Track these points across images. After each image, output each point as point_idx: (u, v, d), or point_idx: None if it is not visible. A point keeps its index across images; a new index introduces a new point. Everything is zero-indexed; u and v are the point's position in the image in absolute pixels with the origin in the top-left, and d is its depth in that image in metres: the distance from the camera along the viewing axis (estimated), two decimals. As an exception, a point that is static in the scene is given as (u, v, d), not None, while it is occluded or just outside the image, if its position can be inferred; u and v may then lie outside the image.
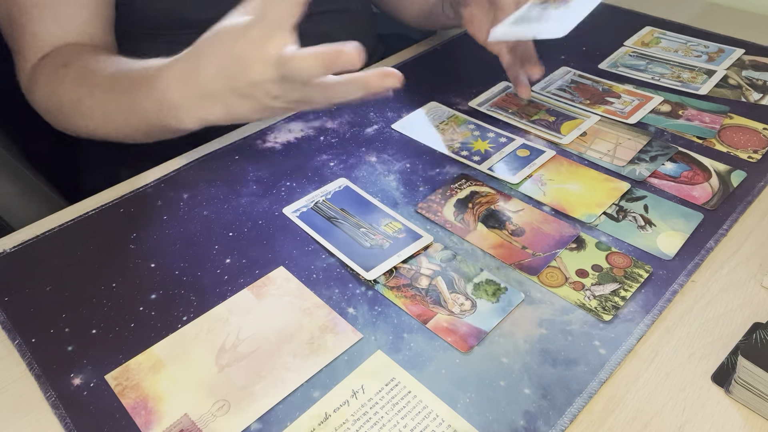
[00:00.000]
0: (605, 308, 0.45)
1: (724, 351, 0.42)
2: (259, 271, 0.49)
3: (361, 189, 0.57)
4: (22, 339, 0.45)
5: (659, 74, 0.73)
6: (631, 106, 0.67)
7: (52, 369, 0.43)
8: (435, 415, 0.39)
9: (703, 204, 0.54)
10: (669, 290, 0.46)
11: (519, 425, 0.38)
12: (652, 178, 0.57)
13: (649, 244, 0.50)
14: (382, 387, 0.41)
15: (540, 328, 0.44)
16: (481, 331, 0.44)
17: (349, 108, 0.70)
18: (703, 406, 0.39)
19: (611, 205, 0.55)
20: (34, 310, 0.47)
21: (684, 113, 0.66)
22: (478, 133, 0.65)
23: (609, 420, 0.39)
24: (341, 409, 0.40)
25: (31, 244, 0.53)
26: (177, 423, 0.39)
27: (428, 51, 0.81)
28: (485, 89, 0.72)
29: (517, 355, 0.42)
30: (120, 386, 0.41)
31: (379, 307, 0.46)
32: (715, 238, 0.51)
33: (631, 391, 0.40)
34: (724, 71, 0.73)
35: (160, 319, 0.46)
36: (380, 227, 0.53)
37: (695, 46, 0.79)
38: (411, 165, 0.61)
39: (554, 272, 0.48)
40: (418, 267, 0.49)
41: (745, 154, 0.60)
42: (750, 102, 0.68)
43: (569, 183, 0.57)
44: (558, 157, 0.61)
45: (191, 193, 0.58)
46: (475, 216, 0.54)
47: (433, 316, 0.45)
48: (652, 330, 0.44)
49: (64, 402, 0.41)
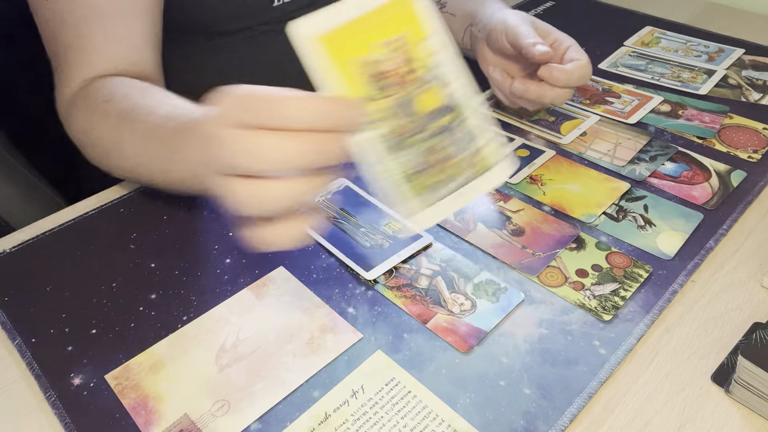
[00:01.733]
0: (605, 308, 0.45)
1: (724, 351, 0.42)
2: (259, 271, 0.49)
3: (361, 189, 0.57)
4: (22, 339, 0.45)
5: (659, 74, 0.73)
6: (631, 106, 0.67)
7: (52, 369, 0.43)
8: (435, 415, 0.39)
9: (703, 204, 0.54)
10: (669, 290, 0.46)
11: (519, 425, 0.38)
12: (652, 177, 0.57)
13: (649, 244, 0.50)
14: (382, 387, 0.41)
15: (540, 328, 0.44)
16: (481, 331, 0.44)
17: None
18: (703, 406, 0.39)
19: (611, 204, 0.55)
20: (34, 310, 0.47)
21: (684, 113, 0.66)
22: (478, 133, 0.65)
23: (609, 420, 0.39)
24: (341, 409, 0.40)
25: (31, 244, 0.53)
26: (177, 423, 0.39)
27: (428, 51, 0.81)
28: (485, 89, 0.72)
29: (517, 355, 0.42)
30: (120, 386, 0.41)
31: (379, 307, 0.46)
32: (715, 238, 0.51)
33: (631, 391, 0.40)
34: (724, 71, 0.73)
35: (160, 319, 0.46)
36: (380, 227, 0.53)
37: (695, 46, 0.79)
38: (411, 165, 0.61)
39: (554, 272, 0.48)
40: (418, 267, 0.49)
41: (745, 154, 0.60)
42: (750, 102, 0.68)
43: (569, 183, 0.57)
44: (558, 157, 0.61)
45: (192, 193, 0.58)
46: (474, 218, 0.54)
47: (433, 316, 0.45)
48: (652, 330, 0.44)
49: (64, 402, 0.41)
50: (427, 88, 0.35)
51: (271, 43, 0.71)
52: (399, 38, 0.34)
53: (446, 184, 0.37)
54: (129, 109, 0.50)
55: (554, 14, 0.88)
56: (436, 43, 0.35)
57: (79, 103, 0.55)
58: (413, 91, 0.35)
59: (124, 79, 0.55)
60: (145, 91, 0.52)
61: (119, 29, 0.57)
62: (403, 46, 0.34)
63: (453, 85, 0.36)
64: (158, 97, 0.50)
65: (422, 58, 0.35)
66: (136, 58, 0.59)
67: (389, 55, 0.34)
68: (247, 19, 0.68)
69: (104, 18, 0.56)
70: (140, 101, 0.50)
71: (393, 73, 0.34)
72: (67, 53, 0.57)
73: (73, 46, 0.56)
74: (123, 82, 0.54)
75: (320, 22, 0.31)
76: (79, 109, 0.55)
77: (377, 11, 0.33)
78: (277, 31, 0.71)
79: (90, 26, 0.56)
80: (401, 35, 0.34)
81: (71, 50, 0.57)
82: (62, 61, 0.57)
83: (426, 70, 0.35)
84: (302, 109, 0.31)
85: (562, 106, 0.68)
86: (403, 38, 0.34)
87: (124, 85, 0.53)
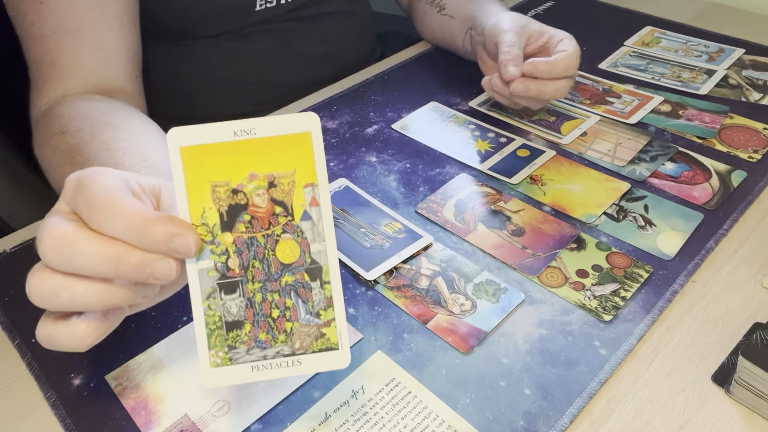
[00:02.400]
0: (605, 308, 0.45)
1: (725, 351, 0.42)
2: (259, 271, 0.49)
3: (361, 189, 0.57)
4: (22, 339, 0.45)
5: (659, 74, 0.73)
6: (631, 106, 0.67)
7: (52, 369, 0.43)
8: (435, 415, 0.39)
9: (703, 204, 0.54)
10: (669, 290, 0.46)
11: (519, 425, 0.38)
12: (652, 178, 0.57)
13: (650, 244, 0.50)
14: (382, 387, 0.41)
15: (540, 328, 0.44)
16: (481, 331, 0.44)
17: (349, 108, 0.70)
18: (704, 406, 0.39)
19: (611, 205, 0.55)
20: (34, 310, 0.47)
21: (684, 113, 0.66)
22: (478, 133, 0.65)
23: (609, 420, 0.39)
24: (341, 410, 0.39)
25: (31, 244, 0.53)
26: (177, 423, 0.39)
27: (428, 51, 0.81)
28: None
29: (517, 356, 0.42)
30: (120, 386, 0.41)
31: (379, 307, 0.46)
32: (715, 238, 0.51)
33: (631, 392, 0.40)
34: (725, 71, 0.73)
35: (160, 319, 0.46)
36: (380, 227, 0.53)
37: (695, 45, 0.79)
38: (411, 165, 0.61)
39: (554, 272, 0.48)
40: (418, 267, 0.49)
41: (745, 154, 0.60)
42: (750, 102, 0.68)
43: (569, 183, 0.57)
44: (558, 157, 0.61)
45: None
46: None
47: (433, 316, 0.45)
48: (652, 330, 0.44)
49: (64, 402, 0.41)
50: (289, 238, 0.32)
51: (259, 42, 0.71)
52: (283, 175, 0.32)
53: (267, 346, 0.33)
54: (74, 150, 0.48)
55: (554, 14, 0.88)
56: (320, 193, 0.32)
57: (39, 127, 0.55)
58: (273, 235, 0.32)
59: (87, 104, 0.53)
60: (95, 129, 0.49)
61: (89, 42, 0.56)
62: (283, 184, 0.32)
63: (322, 244, 0.33)
64: (105, 138, 0.48)
65: (298, 203, 0.32)
66: (108, 71, 0.58)
67: (259, 188, 0.32)
68: (230, 23, 0.68)
69: (73, 31, 0.55)
70: (86, 142, 0.48)
71: (258, 209, 0.32)
72: (39, 68, 0.56)
73: (45, 60, 0.56)
74: (82, 111, 0.52)
75: (193, 134, 0.30)
76: (37, 134, 0.54)
77: (272, 140, 0.31)
78: (265, 30, 0.71)
79: (59, 40, 0.55)
80: (286, 173, 0.32)
81: (43, 64, 0.56)
82: (35, 76, 0.57)
83: (298, 217, 0.32)
84: (119, 221, 0.29)
85: (562, 107, 0.68)
86: (288, 176, 0.32)
87: (80, 116, 0.51)
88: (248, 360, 0.33)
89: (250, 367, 0.33)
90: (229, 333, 0.32)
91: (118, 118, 0.52)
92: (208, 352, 0.32)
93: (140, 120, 0.54)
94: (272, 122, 0.31)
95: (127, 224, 0.30)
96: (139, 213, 0.30)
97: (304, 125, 0.32)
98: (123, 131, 0.50)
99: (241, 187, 0.31)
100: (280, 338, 0.33)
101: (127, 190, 0.32)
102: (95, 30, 0.56)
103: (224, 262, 0.32)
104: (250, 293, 0.33)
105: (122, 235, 0.30)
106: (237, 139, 0.31)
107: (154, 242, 0.30)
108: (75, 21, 0.55)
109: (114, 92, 0.58)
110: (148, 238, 0.30)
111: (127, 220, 0.30)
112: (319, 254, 0.33)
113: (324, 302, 0.33)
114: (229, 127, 0.31)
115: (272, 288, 0.33)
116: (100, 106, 0.53)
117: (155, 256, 0.30)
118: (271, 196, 0.32)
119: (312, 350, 0.33)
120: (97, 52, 0.57)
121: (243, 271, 0.32)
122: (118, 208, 0.30)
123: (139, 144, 0.49)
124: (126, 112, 0.54)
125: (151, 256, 0.30)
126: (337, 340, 0.33)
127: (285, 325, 0.33)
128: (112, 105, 0.54)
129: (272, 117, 0.31)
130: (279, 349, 0.33)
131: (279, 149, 0.32)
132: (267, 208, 0.32)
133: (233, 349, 0.32)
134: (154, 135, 0.52)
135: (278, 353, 0.33)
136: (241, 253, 0.32)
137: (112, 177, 0.32)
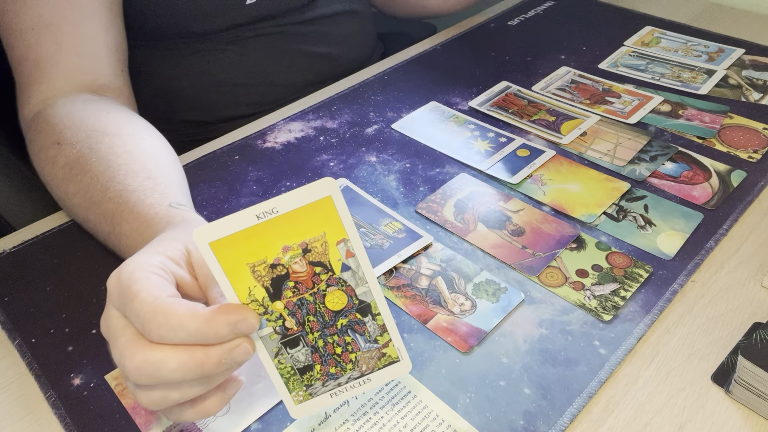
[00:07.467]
0: (605, 308, 0.45)
1: (724, 351, 0.42)
2: (259, 271, 0.49)
3: (361, 189, 0.57)
4: (22, 339, 0.45)
5: (659, 74, 0.73)
6: (631, 106, 0.67)
7: (52, 369, 0.43)
8: (435, 415, 0.39)
9: (703, 204, 0.54)
10: (669, 290, 0.46)
11: (519, 425, 0.38)
12: (652, 178, 0.57)
13: (649, 244, 0.50)
14: (382, 387, 0.41)
15: (540, 328, 0.44)
16: (481, 331, 0.44)
17: (349, 108, 0.70)
18: (703, 406, 0.39)
19: (611, 205, 0.55)
20: (34, 310, 0.47)
21: (684, 113, 0.66)
22: (478, 133, 0.65)
23: (609, 420, 0.39)
24: (341, 409, 0.40)
25: (31, 244, 0.53)
26: (177, 423, 0.39)
27: (428, 51, 0.81)
28: (485, 89, 0.72)
29: (517, 355, 0.42)
30: (120, 386, 0.41)
31: (379, 307, 0.46)
32: (715, 238, 0.51)
33: (631, 391, 0.40)
34: (724, 71, 0.73)
35: (160, 319, 0.46)
36: (380, 227, 0.53)
37: (695, 45, 0.79)
38: (411, 165, 0.61)
39: (554, 272, 0.48)
40: (418, 267, 0.49)
41: (745, 154, 0.60)
42: (750, 102, 0.68)
43: (569, 183, 0.57)
44: (558, 157, 0.61)
45: (191, 193, 0.58)
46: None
47: (433, 316, 0.45)
48: (652, 330, 0.44)
49: (64, 402, 0.41)
50: (335, 289, 0.35)
51: (256, 42, 0.71)
52: (314, 239, 0.33)
53: (339, 376, 0.36)
54: (74, 164, 0.48)
55: (554, 14, 0.88)
56: (353, 245, 0.34)
57: (32, 134, 0.54)
58: (319, 292, 0.34)
59: (78, 110, 0.53)
60: (92, 140, 0.49)
61: (70, 36, 0.55)
62: (317, 248, 0.33)
63: (365, 287, 0.35)
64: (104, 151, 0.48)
65: (335, 259, 0.34)
66: (92, 65, 0.57)
67: (295, 257, 0.33)
68: (221, 19, 0.68)
69: (52, 26, 0.54)
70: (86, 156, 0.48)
71: (299, 274, 0.34)
72: (23, 67, 0.56)
73: (28, 59, 0.55)
74: (76, 118, 0.51)
75: (218, 229, 0.31)
76: (31, 142, 0.54)
77: (295, 213, 0.32)
78: (260, 29, 0.71)
79: (39, 35, 0.54)
80: (317, 237, 0.33)
81: (26, 63, 0.55)
82: (19, 75, 0.56)
83: (338, 270, 0.34)
84: (180, 330, 0.31)
85: (562, 107, 0.68)
86: (320, 239, 0.33)
87: (74, 125, 0.51)
88: (325, 390, 0.37)
89: (329, 395, 0.37)
90: (303, 376, 0.36)
91: (113, 124, 0.51)
92: (290, 394, 0.36)
93: (135, 124, 0.53)
94: (292, 197, 0.32)
95: (189, 331, 0.31)
96: (195, 316, 0.31)
97: (323, 191, 0.32)
98: (121, 140, 0.49)
99: (278, 260, 0.33)
100: (348, 367, 0.37)
101: (168, 283, 0.33)
102: (75, 23, 0.55)
103: (282, 325, 0.34)
104: (312, 342, 0.35)
105: (189, 341, 0.31)
106: (262, 221, 0.32)
107: (222, 336, 0.31)
108: (54, 14, 0.54)
109: (101, 89, 0.57)
110: (215, 335, 0.31)
111: (188, 328, 0.31)
112: (365, 294, 0.35)
113: (378, 330, 0.36)
114: (251, 213, 0.32)
115: (330, 332, 0.36)
116: (92, 111, 0.53)
117: (230, 344, 0.32)
118: (309, 260, 0.34)
119: (377, 368, 0.37)
120: (79, 46, 0.56)
121: (300, 326, 0.35)
122: (173, 321, 0.31)
123: (139, 155, 0.49)
124: (119, 116, 0.53)
125: (226, 346, 0.32)
126: (397, 354, 0.37)
127: (350, 356, 0.36)
128: (104, 107, 0.54)
129: (290, 193, 0.32)
130: (349, 375, 0.37)
131: (304, 219, 0.33)
132: (307, 271, 0.34)
133: (310, 387, 0.36)
134: (150, 138, 0.52)
135: (350, 378, 0.37)
136: (294, 313, 0.34)
137: (151, 278, 0.32)
